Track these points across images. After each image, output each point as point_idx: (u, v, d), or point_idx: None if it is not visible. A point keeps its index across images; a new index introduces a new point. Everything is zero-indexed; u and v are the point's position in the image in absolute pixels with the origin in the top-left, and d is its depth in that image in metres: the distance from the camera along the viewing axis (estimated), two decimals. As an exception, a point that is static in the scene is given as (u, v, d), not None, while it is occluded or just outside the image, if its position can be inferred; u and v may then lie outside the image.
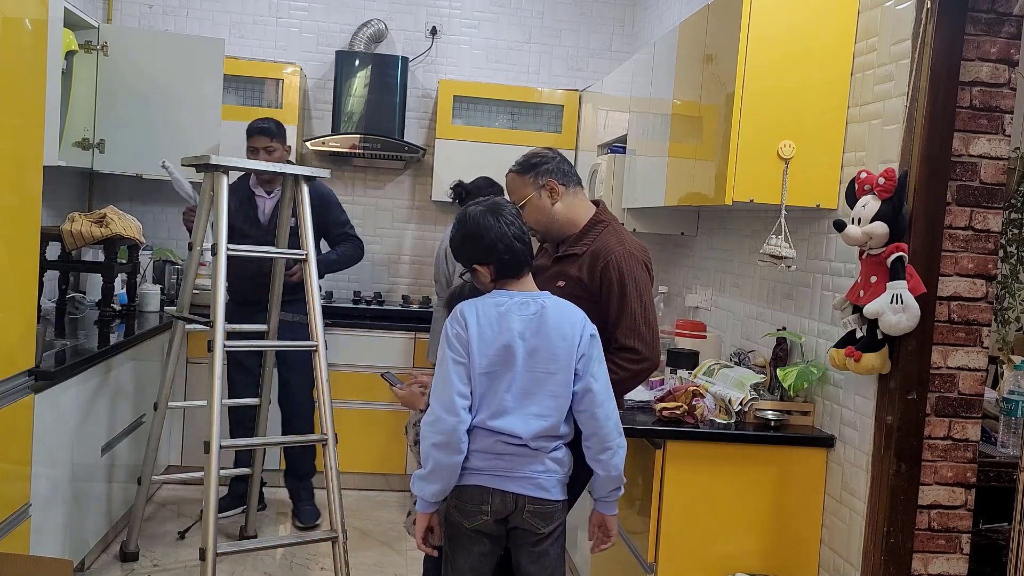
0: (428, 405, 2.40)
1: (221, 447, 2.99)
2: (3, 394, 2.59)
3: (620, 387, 2.40)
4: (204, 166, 3.20)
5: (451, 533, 2.22)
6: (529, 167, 2.55)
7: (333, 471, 3.22)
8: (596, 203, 2.64)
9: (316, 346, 3.28)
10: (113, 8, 5.02)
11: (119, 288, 4.12)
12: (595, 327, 2.23)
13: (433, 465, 2.12)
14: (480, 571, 2.22)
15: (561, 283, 2.46)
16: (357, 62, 5.02)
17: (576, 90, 5.24)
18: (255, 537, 3.95)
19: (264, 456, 4.08)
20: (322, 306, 3.24)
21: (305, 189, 3.41)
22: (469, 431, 2.14)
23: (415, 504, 2.39)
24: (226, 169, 3.18)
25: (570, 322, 2.18)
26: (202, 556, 2.91)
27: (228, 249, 3.11)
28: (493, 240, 2.18)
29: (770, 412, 2.81)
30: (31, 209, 2.76)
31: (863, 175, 2.44)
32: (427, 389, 2.52)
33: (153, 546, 3.78)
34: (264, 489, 4.25)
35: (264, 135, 3.93)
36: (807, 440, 2.77)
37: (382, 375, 2.77)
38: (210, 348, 3.03)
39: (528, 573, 2.22)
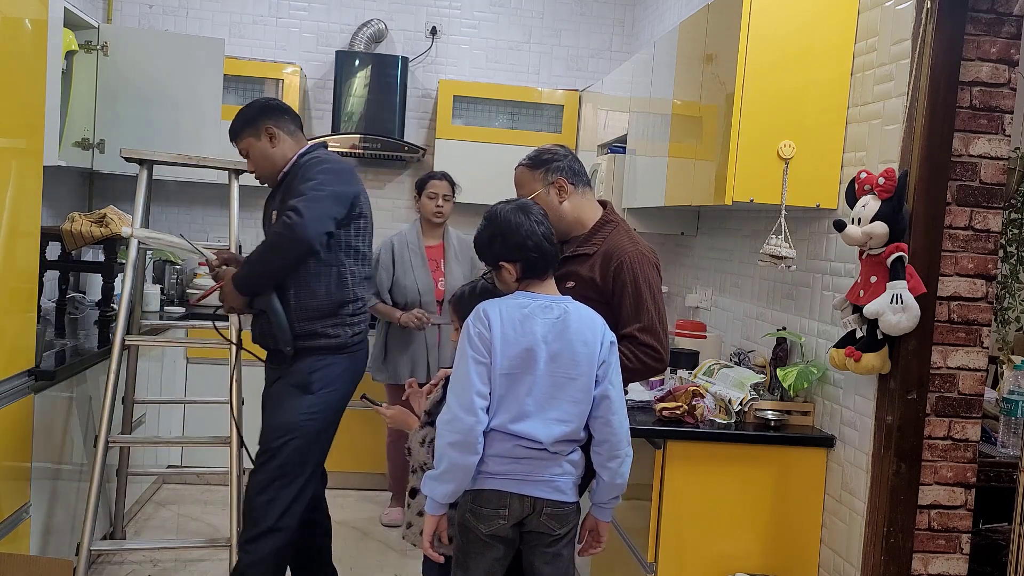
0: (421, 423, 2.38)
1: (109, 443, 3.05)
2: (3, 394, 2.59)
3: (629, 376, 2.40)
4: (135, 160, 3.28)
5: (465, 539, 2.18)
6: (540, 163, 2.53)
7: (235, 473, 3.13)
8: (604, 204, 2.63)
9: (232, 344, 3.15)
10: (113, 8, 5.02)
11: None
12: (614, 335, 2.22)
13: (447, 465, 2.09)
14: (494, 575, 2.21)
15: (571, 283, 2.44)
16: (357, 62, 5.02)
17: (576, 90, 5.24)
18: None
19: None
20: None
21: (235, 186, 3.42)
22: (487, 434, 2.11)
23: (417, 512, 2.36)
24: (151, 163, 3.29)
25: (591, 328, 2.17)
26: (76, 551, 2.96)
27: (138, 236, 3.17)
28: (523, 238, 2.17)
29: (770, 412, 2.81)
30: (31, 209, 2.76)
31: (863, 175, 2.44)
32: (422, 406, 2.48)
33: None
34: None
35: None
36: (807, 440, 2.77)
37: (361, 397, 2.68)
38: (111, 336, 3.08)
39: (541, 574, 2.20)
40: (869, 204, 2.39)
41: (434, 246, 4.13)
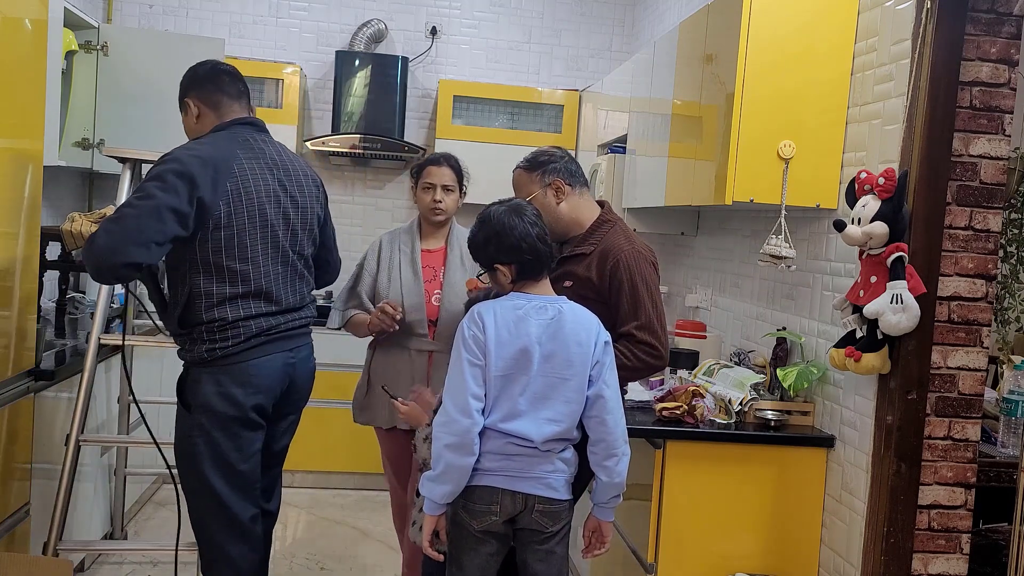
0: (429, 420, 2.38)
1: (80, 442, 2.98)
2: (3, 394, 2.59)
3: (629, 374, 2.41)
4: (116, 158, 3.29)
5: (458, 535, 2.20)
6: (537, 164, 2.55)
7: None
8: (601, 204, 2.64)
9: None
10: (113, 8, 5.02)
11: (119, 288, 4.12)
12: (609, 335, 2.23)
13: (444, 466, 2.11)
14: (487, 572, 2.21)
15: (568, 283, 2.45)
16: (357, 62, 5.02)
17: (576, 90, 5.24)
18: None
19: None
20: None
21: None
22: (480, 432, 2.12)
23: (418, 510, 2.37)
24: (134, 161, 3.27)
25: (586, 328, 2.18)
26: (44, 550, 2.90)
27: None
28: (517, 240, 2.18)
29: (770, 412, 2.81)
30: (31, 209, 2.76)
31: (863, 175, 2.44)
32: (432, 403, 2.48)
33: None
34: None
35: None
36: (807, 440, 2.77)
37: (382, 387, 2.57)
38: (86, 340, 3.04)
39: (535, 572, 2.21)
40: (869, 204, 2.39)
41: (434, 251, 3.09)
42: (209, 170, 2.38)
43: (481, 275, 2.36)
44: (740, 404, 2.83)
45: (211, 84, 2.60)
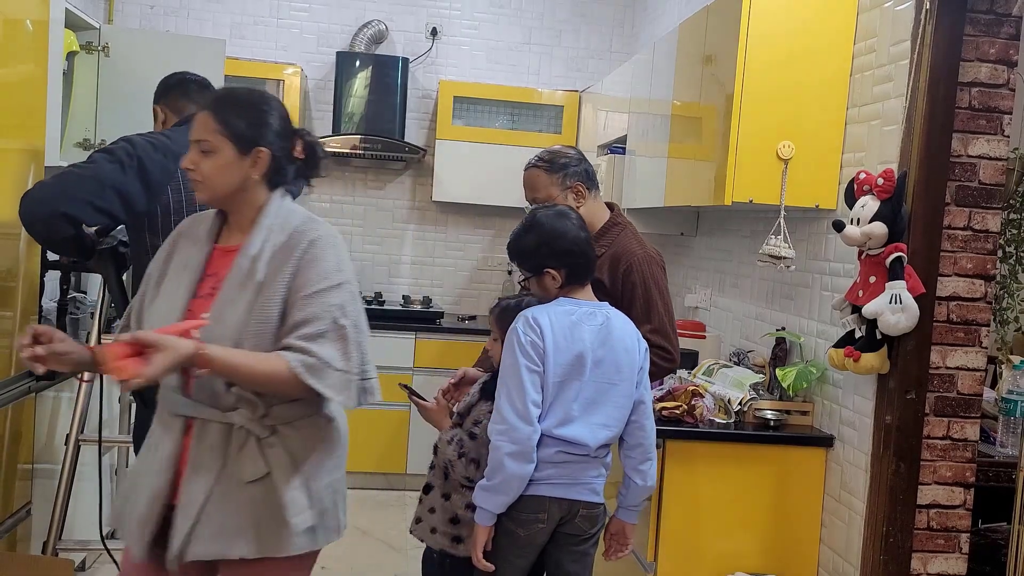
0: (452, 423, 2.34)
1: (80, 442, 2.95)
2: (4, 394, 2.60)
3: None
4: None
5: (501, 542, 2.18)
6: (558, 167, 2.54)
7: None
8: (611, 207, 2.65)
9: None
10: (114, 9, 5.03)
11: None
12: (646, 342, 2.26)
13: (505, 476, 2.08)
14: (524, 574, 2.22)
15: None
16: (358, 63, 5.02)
17: (576, 91, 5.25)
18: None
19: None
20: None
21: None
22: None
23: (428, 509, 2.34)
24: None
25: (631, 335, 2.21)
26: (44, 550, 2.88)
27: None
28: (570, 243, 2.18)
29: (769, 412, 2.81)
30: (32, 209, 2.76)
31: (862, 175, 2.45)
32: (454, 404, 2.43)
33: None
34: None
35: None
36: (806, 440, 2.78)
37: (400, 386, 2.43)
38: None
39: (567, 572, 2.22)
40: (868, 204, 2.39)
41: (231, 249, 1.89)
42: (159, 154, 2.41)
43: (522, 280, 2.32)
44: (739, 404, 2.84)
45: (177, 90, 2.68)
